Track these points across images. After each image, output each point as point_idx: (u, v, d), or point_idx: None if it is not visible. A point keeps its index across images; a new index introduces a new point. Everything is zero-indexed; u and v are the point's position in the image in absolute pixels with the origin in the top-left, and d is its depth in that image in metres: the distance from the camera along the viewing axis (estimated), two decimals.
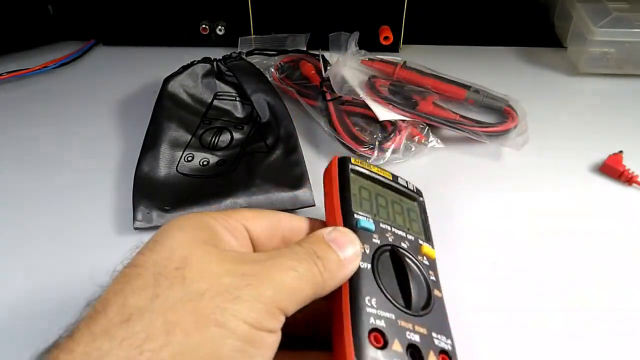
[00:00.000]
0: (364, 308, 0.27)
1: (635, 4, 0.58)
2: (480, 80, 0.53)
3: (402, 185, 0.36)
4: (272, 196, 0.42)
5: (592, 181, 0.46)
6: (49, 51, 0.61)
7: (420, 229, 0.34)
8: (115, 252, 0.40)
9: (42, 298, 0.37)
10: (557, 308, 0.36)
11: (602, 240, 0.41)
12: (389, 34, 0.59)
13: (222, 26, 0.61)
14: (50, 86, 0.57)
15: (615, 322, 0.35)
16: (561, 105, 0.55)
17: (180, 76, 0.51)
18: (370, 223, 0.31)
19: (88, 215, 0.43)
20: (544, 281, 0.38)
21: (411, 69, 0.53)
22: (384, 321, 0.27)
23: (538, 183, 0.46)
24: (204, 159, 0.46)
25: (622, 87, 0.58)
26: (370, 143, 0.46)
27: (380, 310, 0.27)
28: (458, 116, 0.49)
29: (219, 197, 0.42)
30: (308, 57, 0.56)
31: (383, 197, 0.34)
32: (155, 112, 0.49)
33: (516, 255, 0.40)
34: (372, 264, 0.29)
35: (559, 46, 0.64)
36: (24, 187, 0.45)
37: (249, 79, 0.51)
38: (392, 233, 0.31)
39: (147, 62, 0.61)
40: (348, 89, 0.50)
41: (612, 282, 0.38)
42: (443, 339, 0.28)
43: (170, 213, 0.41)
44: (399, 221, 0.33)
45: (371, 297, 0.27)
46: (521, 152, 0.48)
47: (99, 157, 0.48)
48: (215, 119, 0.50)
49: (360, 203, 0.32)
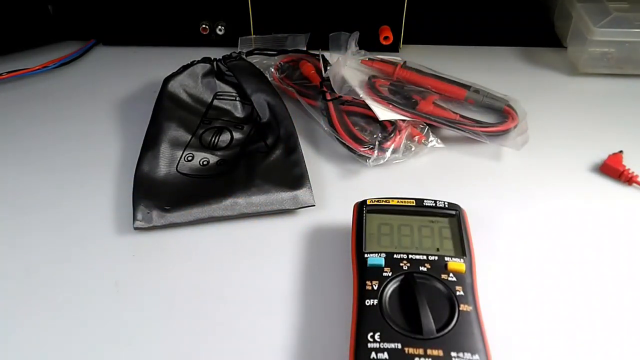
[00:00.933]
0: (366, 344, 0.29)
1: (635, 4, 0.58)
2: (480, 80, 0.53)
3: (429, 207, 0.38)
4: (272, 196, 0.42)
5: (592, 181, 0.46)
6: (49, 51, 0.61)
7: (452, 245, 0.36)
8: (115, 252, 0.40)
9: (42, 298, 0.37)
10: (557, 307, 0.36)
11: (602, 240, 0.41)
12: (389, 34, 0.59)
13: (222, 26, 0.61)
14: (50, 86, 0.57)
15: (611, 319, 0.35)
16: (561, 105, 0.55)
17: (180, 76, 0.51)
18: (379, 259, 0.34)
19: (88, 215, 0.43)
20: (544, 281, 0.38)
21: (411, 69, 0.53)
22: (387, 353, 0.29)
23: (538, 183, 0.46)
24: (204, 159, 0.46)
25: (622, 87, 0.58)
26: (370, 143, 0.46)
27: (385, 343, 0.29)
28: (458, 116, 0.49)
29: (219, 196, 0.42)
30: (308, 57, 0.56)
31: (408, 226, 0.37)
32: (155, 112, 0.49)
33: (516, 255, 0.40)
34: (380, 298, 0.32)
35: (559, 46, 0.64)
36: (24, 186, 0.45)
37: (249, 79, 0.51)
38: (408, 261, 0.34)
39: (147, 62, 0.61)
40: (348, 89, 0.50)
41: (611, 282, 0.38)
42: (467, 356, 0.29)
43: (170, 213, 0.41)
44: (426, 244, 0.35)
45: (375, 331, 0.30)
46: (521, 152, 0.48)
47: (99, 157, 0.48)
48: (215, 119, 0.50)
49: (378, 240, 0.36)
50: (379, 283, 0.32)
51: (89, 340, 0.34)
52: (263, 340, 0.34)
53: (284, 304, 0.36)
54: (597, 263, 0.39)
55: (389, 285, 0.33)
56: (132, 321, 0.35)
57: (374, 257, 0.34)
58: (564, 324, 0.35)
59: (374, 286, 0.32)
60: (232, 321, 0.35)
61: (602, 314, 0.36)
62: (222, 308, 0.36)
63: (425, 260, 0.34)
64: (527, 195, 0.45)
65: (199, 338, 0.34)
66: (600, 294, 0.37)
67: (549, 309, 0.36)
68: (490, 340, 0.31)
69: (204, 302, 0.37)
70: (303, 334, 0.35)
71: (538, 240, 0.41)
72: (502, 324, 0.35)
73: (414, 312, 0.31)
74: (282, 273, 0.38)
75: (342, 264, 0.38)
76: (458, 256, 0.35)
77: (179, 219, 0.41)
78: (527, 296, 0.37)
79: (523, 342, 0.34)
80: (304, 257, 0.40)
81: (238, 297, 0.37)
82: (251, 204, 0.42)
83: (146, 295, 0.37)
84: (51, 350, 0.34)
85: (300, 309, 0.36)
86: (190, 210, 0.41)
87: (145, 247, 0.40)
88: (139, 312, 0.36)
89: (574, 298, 0.37)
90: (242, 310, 0.36)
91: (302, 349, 0.34)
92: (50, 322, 0.35)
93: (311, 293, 0.37)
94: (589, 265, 0.39)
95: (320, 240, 0.41)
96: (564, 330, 0.35)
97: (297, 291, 0.37)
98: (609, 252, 0.40)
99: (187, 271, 0.39)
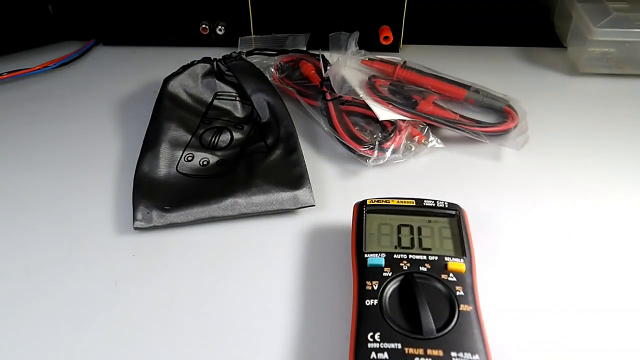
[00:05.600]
0: (365, 344, 0.29)
1: (635, 4, 0.58)
2: (480, 80, 0.53)
3: (429, 207, 0.38)
4: (272, 196, 0.42)
5: (592, 181, 0.46)
6: (49, 51, 0.61)
7: (453, 245, 0.36)
8: (115, 252, 0.40)
9: (42, 298, 0.37)
10: (557, 307, 0.36)
11: (603, 240, 0.41)
12: (389, 34, 0.59)
13: (222, 26, 0.61)
14: (50, 86, 0.57)
15: (612, 319, 0.35)
16: (561, 105, 0.55)
17: (180, 76, 0.51)
18: (379, 259, 0.34)
19: (88, 215, 0.43)
20: (544, 281, 0.38)
21: (411, 69, 0.53)
22: (387, 353, 0.29)
23: (538, 183, 0.46)
24: (204, 159, 0.46)
25: (622, 87, 0.58)
26: (370, 143, 0.46)
27: (385, 343, 0.29)
28: (458, 116, 0.49)
29: (219, 197, 0.42)
30: (308, 57, 0.56)
31: (408, 226, 0.37)
32: (155, 112, 0.49)
33: (516, 254, 0.40)
34: (380, 298, 0.32)
35: (559, 46, 0.64)
36: (23, 187, 0.45)
37: (249, 79, 0.51)
38: (408, 261, 0.34)
39: (147, 62, 0.61)
40: (348, 89, 0.50)
41: (611, 282, 0.38)
42: (467, 356, 0.29)
43: (170, 213, 0.41)
44: (426, 244, 0.36)
45: (375, 331, 0.30)
46: (521, 152, 0.48)
47: (99, 157, 0.48)
48: (215, 119, 0.50)
49: (378, 240, 0.36)
50: (379, 283, 0.33)
51: (89, 340, 0.34)
52: (263, 340, 0.34)
53: (284, 304, 0.36)
54: (597, 263, 0.39)
55: (389, 286, 0.33)
56: (132, 321, 0.35)
57: (374, 257, 0.34)
58: (564, 324, 0.35)
59: (374, 286, 0.32)
60: (232, 321, 0.35)
61: (602, 314, 0.36)
62: (222, 308, 0.36)
63: (425, 260, 0.34)
64: (527, 195, 0.45)
65: (199, 338, 0.34)
66: (601, 294, 0.37)
67: (549, 309, 0.36)
68: (490, 340, 0.31)
69: (204, 301, 0.37)
70: (303, 334, 0.35)
71: (538, 240, 0.41)
72: (502, 324, 0.35)
73: (414, 312, 0.31)
74: (282, 273, 0.38)
75: (342, 264, 0.38)
76: (458, 256, 0.35)
77: (179, 219, 0.41)
78: (527, 296, 0.37)
79: (523, 342, 0.34)
80: (304, 257, 0.40)
81: (238, 297, 0.37)
82: (251, 204, 0.42)
83: (146, 295, 0.37)
84: (51, 350, 0.34)
85: (300, 309, 0.36)
86: (190, 210, 0.41)
87: (145, 247, 0.40)
88: (139, 312, 0.36)
89: (574, 298, 0.37)
90: (242, 310, 0.36)
91: (302, 349, 0.34)
92: (50, 322, 0.35)
93: (311, 293, 0.37)
94: (590, 265, 0.39)
95: (320, 240, 0.41)
96: (564, 331, 0.35)
97: (297, 291, 0.37)
98: (609, 252, 0.40)
99: (187, 271, 0.39)
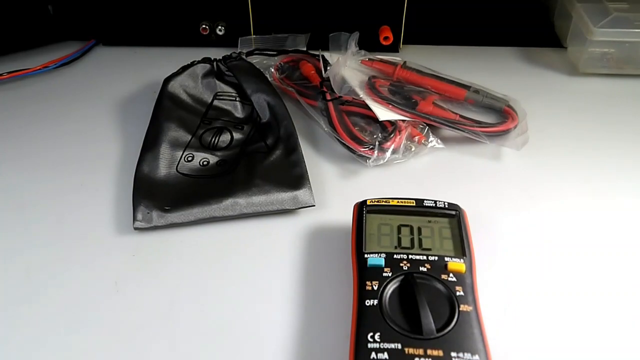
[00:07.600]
0: (365, 344, 0.30)
1: (635, 4, 0.58)
2: (480, 80, 0.53)
3: (429, 207, 0.38)
4: (272, 196, 0.42)
5: (592, 181, 0.46)
6: (49, 51, 0.61)
7: (453, 245, 0.36)
8: (115, 252, 0.40)
9: (42, 298, 0.37)
10: (557, 307, 0.36)
11: (603, 240, 0.41)
12: (389, 34, 0.59)
13: (222, 26, 0.61)
14: (50, 86, 0.57)
15: (612, 319, 0.35)
16: (561, 105, 0.55)
17: (180, 76, 0.51)
18: (379, 260, 0.34)
19: (88, 215, 0.43)
20: (544, 281, 0.38)
21: (411, 69, 0.53)
22: (387, 353, 0.29)
23: (538, 183, 0.46)
24: (204, 159, 0.46)
25: (622, 87, 0.58)
26: (370, 143, 0.46)
27: (385, 343, 0.29)
28: (458, 116, 0.49)
29: (219, 197, 0.42)
30: (308, 57, 0.56)
31: (408, 226, 0.37)
32: (155, 112, 0.49)
33: (516, 255, 0.40)
34: (380, 298, 0.32)
35: (559, 46, 0.64)
36: (23, 187, 0.45)
37: (249, 79, 0.51)
38: (408, 261, 0.34)
39: (147, 62, 0.61)
40: (348, 89, 0.50)
41: (612, 282, 0.38)
42: (467, 356, 0.29)
43: (171, 213, 0.41)
44: (426, 244, 0.36)
45: (375, 332, 0.30)
46: (521, 152, 0.48)
47: (99, 157, 0.48)
48: (215, 119, 0.50)
49: (378, 240, 0.36)
50: (379, 283, 0.33)
51: (89, 340, 0.34)
52: (263, 340, 0.34)
53: (284, 304, 0.36)
54: (597, 263, 0.39)
55: (389, 286, 0.33)
56: (132, 321, 0.35)
57: (374, 257, 0.34)
58: (564, 324, 0.35)
59: (374, 286, 0.32)
60: (232, 321, 0.35)
61: (602, 313, 0.36)
62: (222, 308, 0.36)
63: (425, 261, 0.34)
64: (527, 195, 0.45)
65: (198, 338, 0.34)
66: (601, 294, 0.37)
67: (549, 309, 0.36)
68: (490, 341, 0.31)
69: (204, 301, 0.37)
70: (303, 334, 0.35)
71: (538, 240, 0.41)
72: (502, 324, 0.35)
73: (414, 313, 0.31)
74: (282, 273, 0.38)
75: (342, 264, 0.38)
76: (458, 256, 0.35)
77: (179, 219, 0.41)
78: (527, 296, 0.37)
79: (523, 342, 0.34)
80: (304, 257, 0.40)
81: (238, 297, 0.37)
82: (251, 204, 0.42)
83: (146, 295, 0.37)
84: (51, 349, 0.34)
85: (300, 309, 0.36)
86: (191, 211, 0.41)
87: (145, 247, 0.40)
88: (139, 312, 0.36)
89: (575, 298, 0.37)
90: (242, 310, 0.36)
91: (302, 349, 0.34)
92: (50, 322, 0.35)
93: (311, 293, 0.37)
94: (590, 265, 0.39)
95: (320, 240, 0.41)
96: (564, 331, 0.35)
97: (297, 291, 0.37)
98: (609, 252, 0.40)
99: (187, 271, 0.39)
